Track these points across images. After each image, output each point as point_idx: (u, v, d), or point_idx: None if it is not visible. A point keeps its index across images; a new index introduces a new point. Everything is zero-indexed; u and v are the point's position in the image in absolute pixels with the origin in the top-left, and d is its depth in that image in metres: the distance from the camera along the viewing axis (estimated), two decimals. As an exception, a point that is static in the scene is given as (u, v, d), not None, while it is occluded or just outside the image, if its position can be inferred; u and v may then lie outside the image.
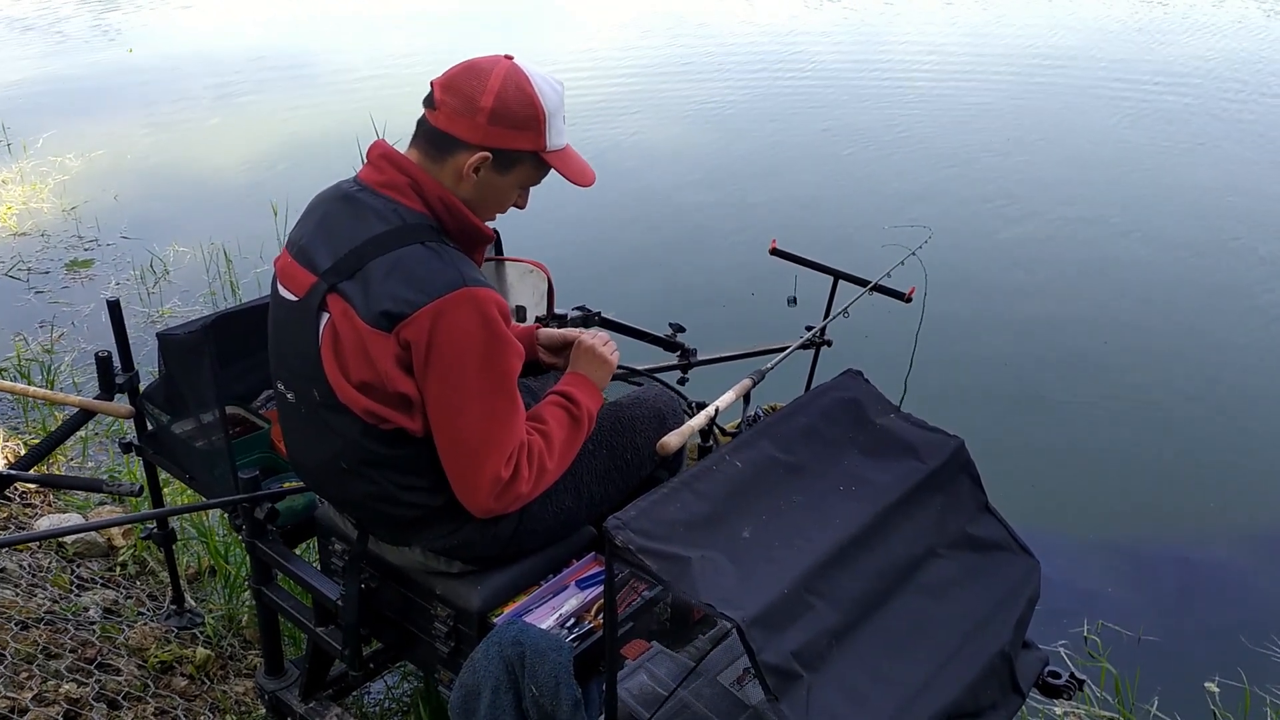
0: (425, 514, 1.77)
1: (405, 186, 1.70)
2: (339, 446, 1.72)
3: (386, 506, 1.76)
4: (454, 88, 1.69)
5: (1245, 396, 4.25)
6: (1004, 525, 1.87)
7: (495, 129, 1.68)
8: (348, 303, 1.64)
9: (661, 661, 1.73)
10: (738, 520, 1.59)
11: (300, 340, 1.70)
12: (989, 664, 1.64)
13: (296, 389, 1.76)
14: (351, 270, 1.65)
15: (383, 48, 9.84)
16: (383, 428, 1.68)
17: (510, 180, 1.75)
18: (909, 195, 6.27)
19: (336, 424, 1.70)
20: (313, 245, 1.72)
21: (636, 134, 7.40)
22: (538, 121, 1.71)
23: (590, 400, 1.89)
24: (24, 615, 2.55)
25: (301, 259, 1.73)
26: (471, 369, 1.63)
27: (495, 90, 1.67)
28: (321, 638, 2.01)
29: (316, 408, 1.71)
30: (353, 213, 1.71)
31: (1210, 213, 6.05)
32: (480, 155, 1.69)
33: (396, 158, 1.72)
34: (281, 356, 1.80)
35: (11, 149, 7.14)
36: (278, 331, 1.80)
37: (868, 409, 1.90)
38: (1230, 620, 3.05)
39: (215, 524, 3.13)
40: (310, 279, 1.69)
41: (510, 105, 1.68)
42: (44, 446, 2.51)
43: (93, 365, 2.48)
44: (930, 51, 9.73)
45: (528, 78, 1.70)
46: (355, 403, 1.66)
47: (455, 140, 1.69)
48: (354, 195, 1.73)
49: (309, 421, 1.76)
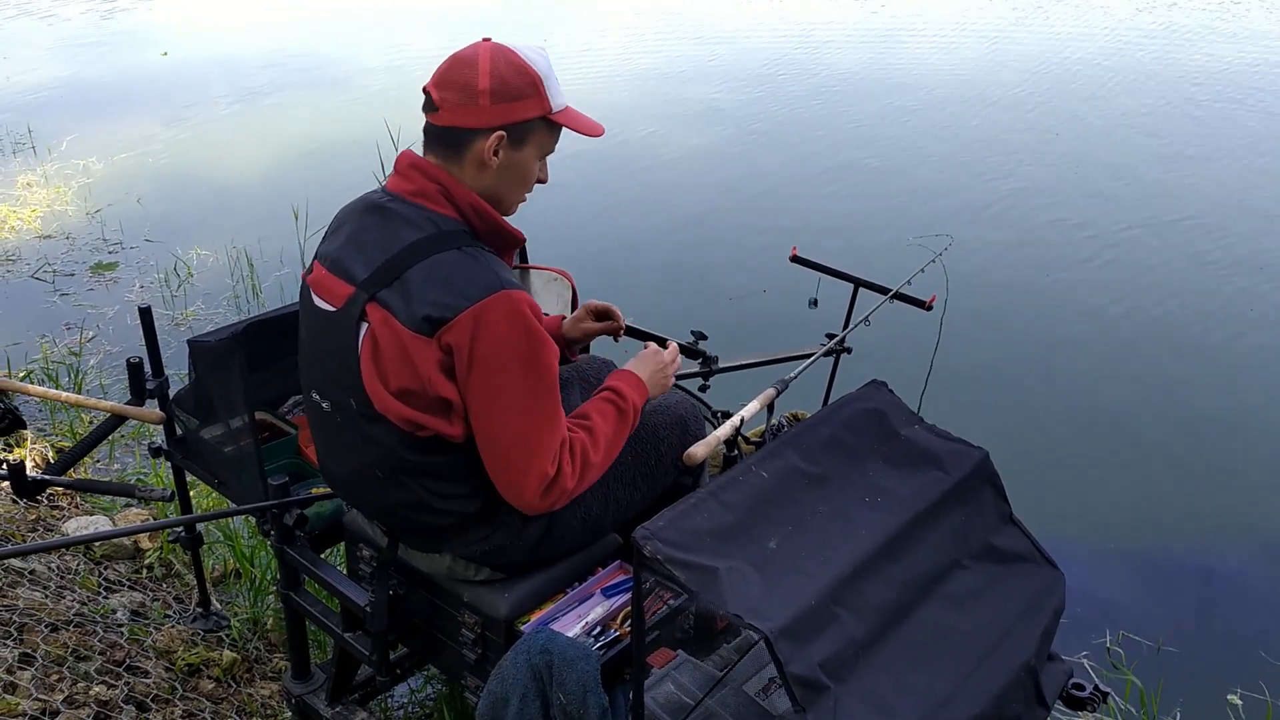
0: (458, 521, 1.79)
1: (436, 194, 1.73)
2: (375, 455, 1.74)
3: (420, 514, 1.78)
4: (448, 82, 1.72)
5: (1269, 406, 4.23)
6: (1028, 537, 1.88)
7: (499, 106, 1.71)
8: (387, 310, 1.66)
9: (687, 670, 1.75)
10: (764, 530, 1.61)
11: (338, 350, 1.73)
12: (1014, 676, 1.64)
13: (332, 398, 1.78)
14: (390, 278, 1.67)
15: (402, 52, 9.88)
16: (419, 435, 1.69)
17: (529, 153, 1.78)
18: (931, 203, 6.27)
19: (373, 433, 1.72)
20: (347, 256, 1.74)
21: (657, 140, 7.40)
22: (536, 86, 1.74)
23: (637, 395, 1.90)
24: (53, 618, 2.58)
25: (337, 270, 1.75)
26: (514, 369, 1.65)
27: (487, 70, 1.70)
28: (349, 643, 2.03)
29: (353, 416, 1.74)
30: (386, 222, 1.73)
31: (1240, 218, 6.01)
32: (495, 136, 1.72)
33: (425, 166, 1.75)
34: (317, 366, 1.82)
35: (36, 151, 7.22)
36: (313, 341, 1.82)
37: (892, 419, 1.91)
38: (1252, 631, 3.04)
39: (241, 527, 3.17)
40: (348, 289, 1.71)
41: (506, 79, 1.71)
42: (77, 451, 2.54)
43: (119, 368, 2.53)
44: (954, 57, 9.71)
45: (513, 50, 1.74)
46: (393, 411, 1.68)
47: (466, 131, 1.72)
48: (385, 205, 1.76)
49: (344, 430, 1.78)
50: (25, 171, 6.85)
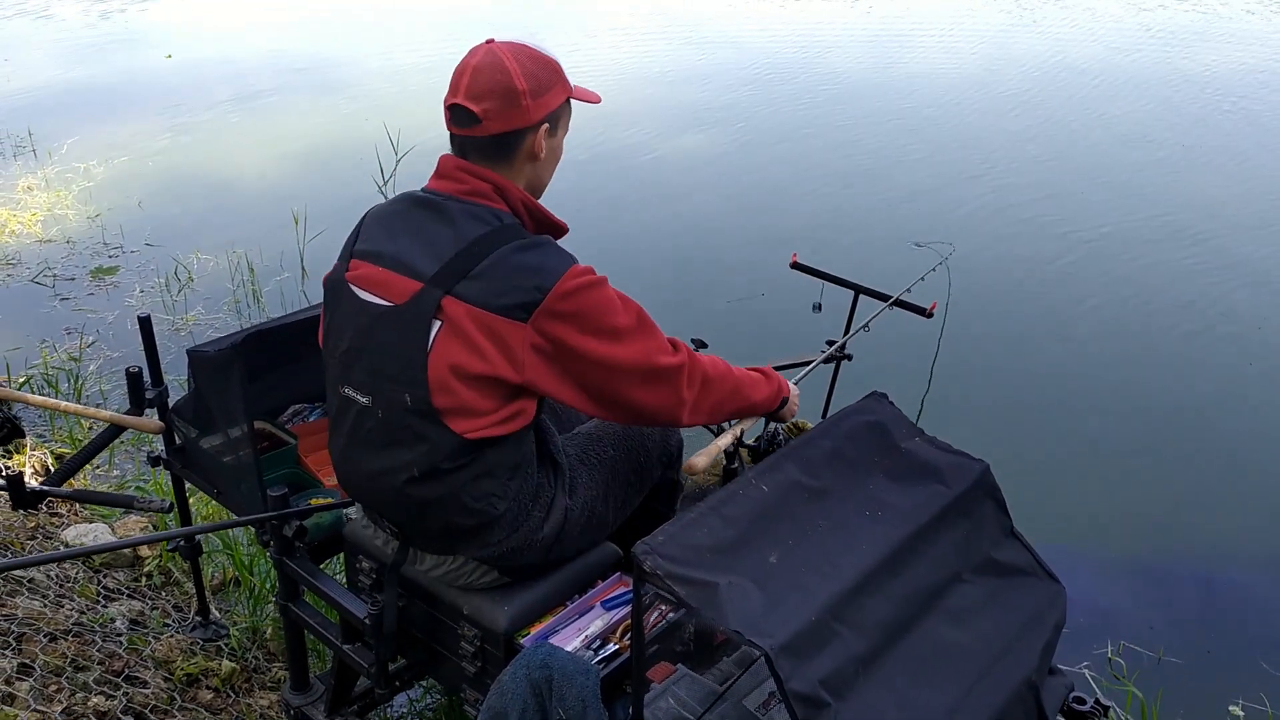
0: (482, 522, 1.80)
1: (490, 192, 1.78)
2: (419, 452, 1.74)
3: (446, 514, 1.79)
4: (484, 94, 1.75)
5: (1271, 418, 4.22)
6: (1029, 550, 1.87)
7: (539, 100, 1.78)
8: (468, 303, 1.68)
9: (687, 685, 1.74)
10: (764, 545, 1.60)
11: (400, 344, 1.72)
12: (1015, 691, 1.64)
13: (377, 392, 1.77)
14: (464, 271, 1.69)
15: (403, 55, 9.88)
16: (469, 436, 1.71)
17: (560, 136, 1.88)
18: (932, 209, 6.25)
19: (422, 429, 1.72)
20: (406, 252, 1.75)
21: (657, 144, 7.41)
22: (558, 72, 1.83)
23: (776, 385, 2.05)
24: (52, 627, 2.58)
25: (394, 266, 1.75)
26: (620, 318, 1.73)
27: (516, 70, 1.75)
28: (348, 655, 2.03)
29: (402, 413, 1.73)
30: (445, 218, 1.76)
31: (1237, 224, 6.01)
32: (542, 128, 1.79)
33: (475, 169, 1.79)
34: (360, 362, 1.79)
35: (36, 154, 7.22)
36: (360, 338, 1.79)
37: (892, 432, 1.91)
38: (1254, 642, 3.03)
39: (240, 536, 3.16)
40: (414, 285, 1.72)
41: (537, 74, 1.78)
42: (76, 461, 2.53)
43: (119, 374, 2.53)
44: (955, 62, 9.70)
45: (525, 44, 1.81)
46: (457, 405, 1.70)
47: (518, 133, 1.78)
48: (440, 203, 1.78)
49: (385, 426, 1.77)
50: (25, 175, 6.86)
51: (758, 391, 1.98)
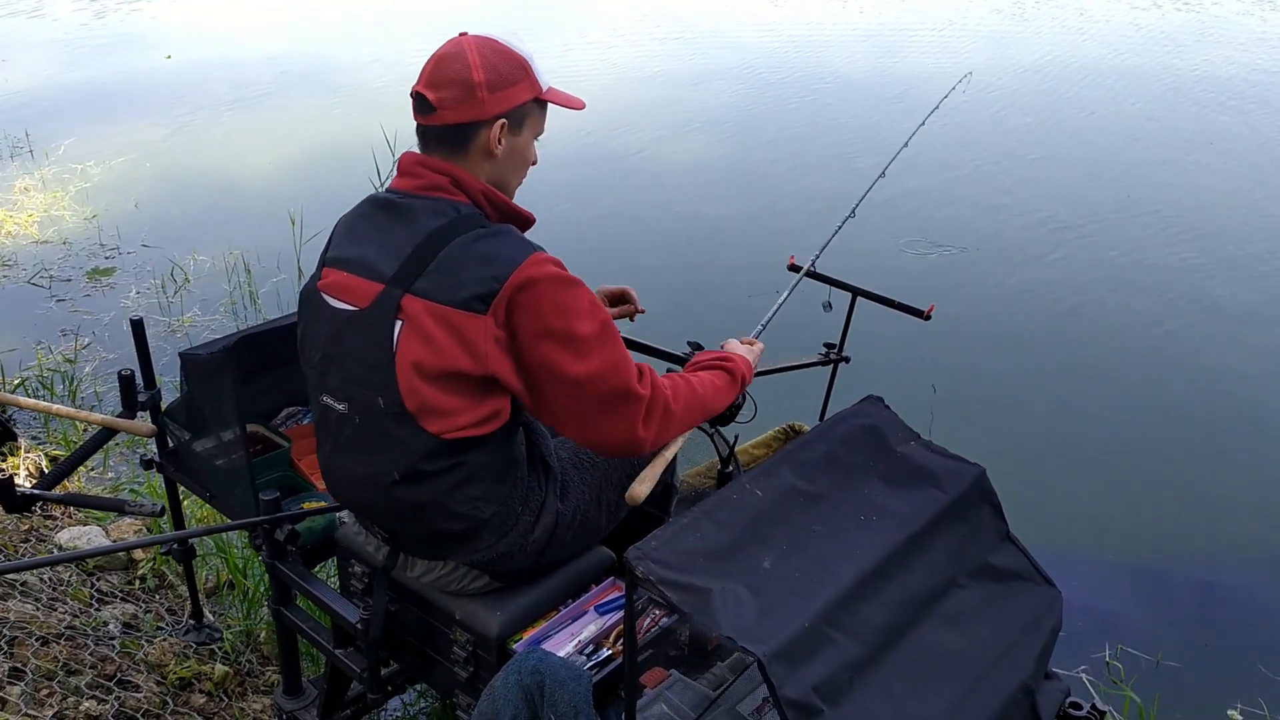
0: (471, 526, 1.78)
1: (448, 185, 1.75)
2: (396, 456, 1.72)
3: (433, 518, 1.77)
4: (442, 82, 1.74)
5: (1270, 422, 4.20)
6: (1025, 555, 1.86)
7: (497, 95, 1.74)
8: (427, 299, 1.65)
9: (680, 690, 1.73)
10: (758, 550, 1.59)
11: (367, 348, 1.71)
12: (1010, 696, 1.63)
13: (353, 398, 1.76)
14: (421, 268, 1.67)
15: (401, 56, 9.84)
16: (446, 436, 1.69)
17: (526, 136, 1.82)
18: (934, 210, 6.22)
19: (398, 433, 1.70)
20: (368, 255, 1.74)
21: (653, 144, 7.39)
22: (525, 69, 1.78)
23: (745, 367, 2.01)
24: (44, 631, 2.56)
25: (358, 270, 1.74)
26: (580, 314, 1.67)
27: (478, 63, 1.73)
28: (340, 659, 2.02)
29: (378, 417, 1.72)
30: (403, 216, 1.74)
31: (1244, 226, 5.99)
32: (498, 125, 1.75)
33: (431, 162, 1.77)
34: (334, 368, 1.78)
35: (33, 155, 7.21)
36: (331, 345, 1.78)
37: (888, 436, 1.89)
38: (1252, 645, 3.02)
39: (234, 539, 3.15)
40: (375, 287, 1.71)
41: (498, 68, 1.75)
42: (68, 464, 2.52)
43: (114, 375, 2.52)
44: (955, 62, 9.68)
45: (494, 39, 1.78)
46: (428, 405, 1.67)
47: (471, 125, 1.75)
48: (397, 202, 1.77)
49: (364, 432, 1.76)
50: (22, 175, 6.84)
51: (721, 401, 1.93)
